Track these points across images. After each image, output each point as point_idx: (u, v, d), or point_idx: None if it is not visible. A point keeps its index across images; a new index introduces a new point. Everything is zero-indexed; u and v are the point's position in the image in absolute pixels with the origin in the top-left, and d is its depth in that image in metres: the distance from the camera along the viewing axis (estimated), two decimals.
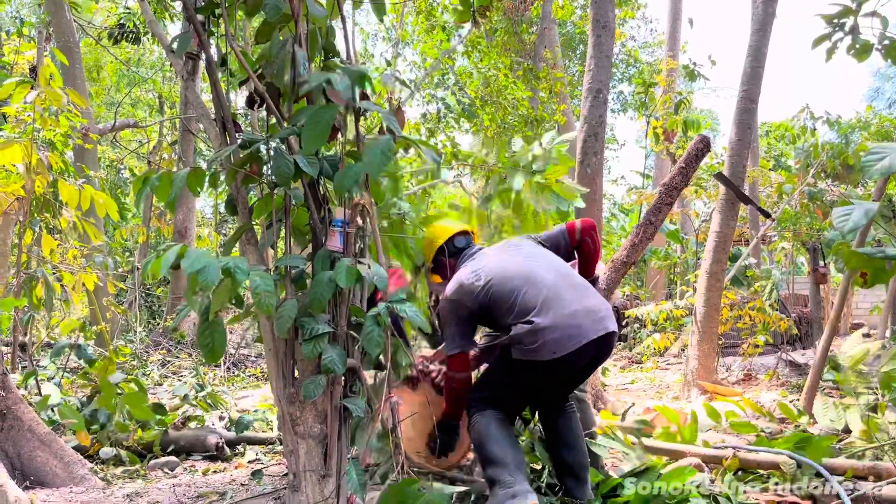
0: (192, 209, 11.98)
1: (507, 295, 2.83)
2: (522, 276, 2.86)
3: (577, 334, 2.70)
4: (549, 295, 2.78)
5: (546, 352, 2.70)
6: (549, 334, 2.69)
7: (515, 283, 2.84)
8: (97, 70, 16.12)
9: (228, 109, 2.78)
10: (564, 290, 2.83)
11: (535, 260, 2.99)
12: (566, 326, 2.71)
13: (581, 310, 2.76)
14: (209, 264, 2.21)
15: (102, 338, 6.42)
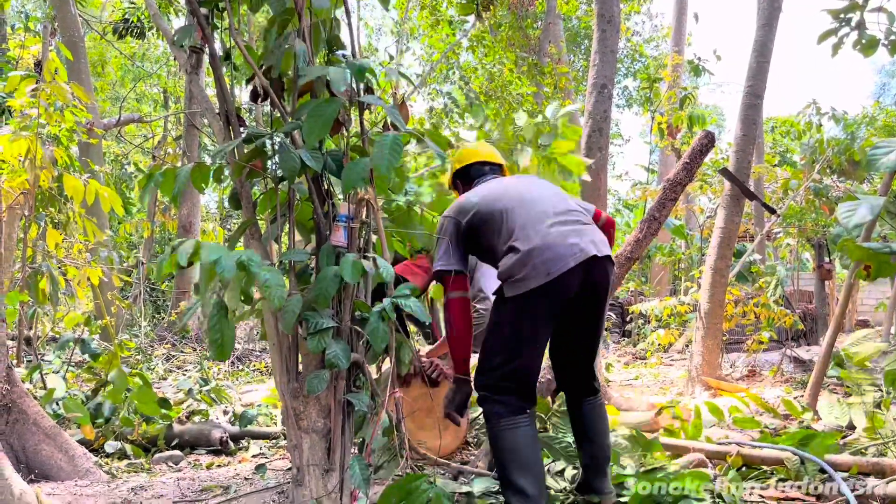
0: (197, 204, 11.99)
1: (496, 214, 2.73)
2: (515, 198, 2.76)
3: (569, 254, 2.54)
4: (538, 217, 2.66)
5: (538, 275, 2.53)
6: (538, 255, 2.55)
7: (505, 204, 2.74)
8: (102, 65, 16.17)
9: (232, 103, 2.78)
10: (556, 216, 2.69)
11: (538, 189, 2.87)
12: (555, 245, 2.56)
13: (571, 232, 2.63)
14: (224, 256, 2.22)
15: (107, 332, 6.44)
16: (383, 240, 2.75)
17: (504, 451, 2.59)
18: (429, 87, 9.98)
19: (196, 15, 2.69)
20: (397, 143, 2.39)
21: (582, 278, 2.59)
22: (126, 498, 2.98)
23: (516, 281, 2.57)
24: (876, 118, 14.55)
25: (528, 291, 2.54)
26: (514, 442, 2.58)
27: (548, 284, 2.53)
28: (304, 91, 2.69)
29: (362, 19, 17.22)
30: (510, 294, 2.60)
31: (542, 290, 2.54)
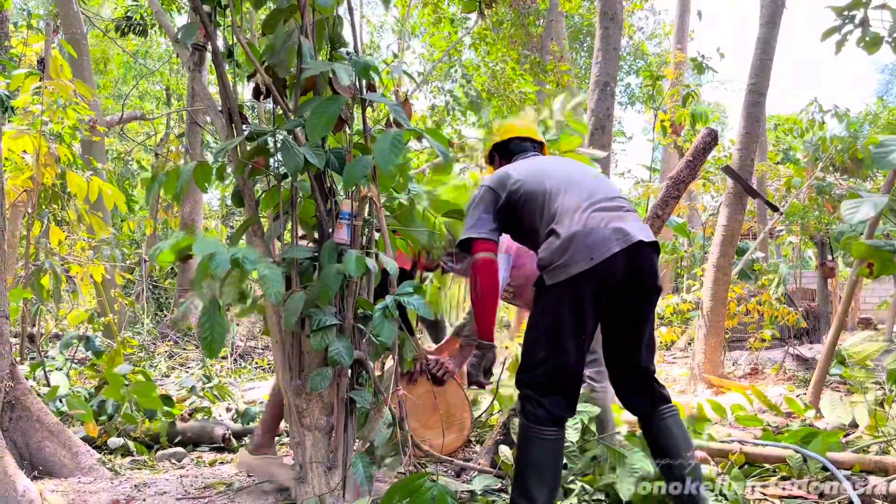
0: (199, 201, 12.01)
1: (539, 195, 2.61)
2: (560, 180, 2.63)
3: (612, 238, 2.40)
4: (581, 200, 2.52)
5: (580, 260, 2.38)
6: (580, 240, 2.40)
7: (549, 185, 2.61)
8: (104, 62, 16.18)
9: (235, 101, 2.78)
10: (600, 201, 2.54)
11: (581, 172, 2.75)
12: (598, 230, 2.42)
13: (614, 217, 2.48)
14: (219, 252, 2.22)
15: (110, 329, 6.45)
16: (386, 237, 2.75)
17: (529, 458, 2.49)
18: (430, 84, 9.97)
19: (199, 12, 2.69)
20: (399, 141, 2.39)
21: (627, 264, 2.43)
22: (129, 495, 2.99)
23: (557, 267, 2.43)
24: (879, 116, 14.52)
25: (569, 278, 2.39)
26: (542, 454, 2.47)
27: (591, 270, 2.38)
28: (307, 89, 2.69)
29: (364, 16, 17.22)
30: (551, 282, 2.44)
31: (585, 275, 2.38)
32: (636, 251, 2.43)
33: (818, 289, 12.76)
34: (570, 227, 2.44)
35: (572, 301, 2.43)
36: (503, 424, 3.48)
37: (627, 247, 2.40)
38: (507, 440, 3.41)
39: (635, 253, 2.43)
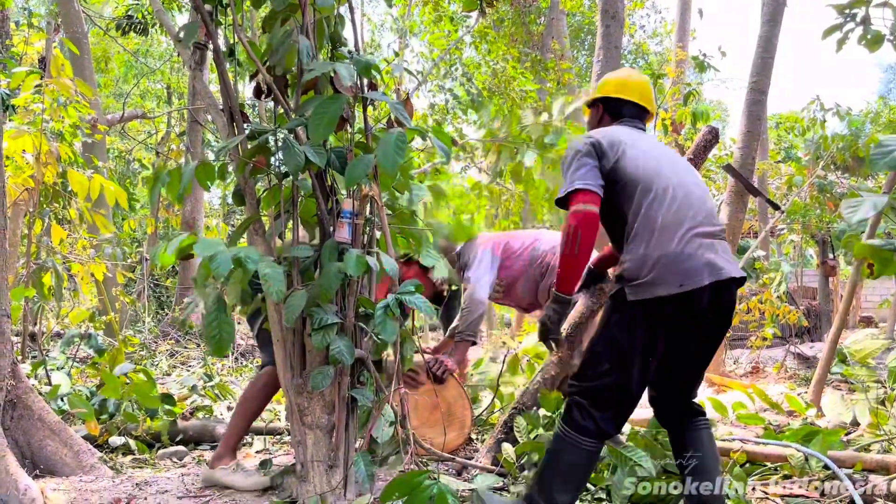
0: (200, 200, 12.00)
1: (644, 188, 2.42)
2: (671, 183, 2.44)
3: (704, 270, 2.30)
4: (683, 217, 2.37)
5: (669, 283, 2.28)
6: (672, 262, 2.30)
7: (659, 186, 2.43)
8: (105, 61, 16.18)
9: (236, 100, 2.78)
10: (700, 222, 2.39)
11: (691, 179, 2.55)
12: (692, 257, 2.31)
13: (709, 246, 2.36)
14: (220, 253, 2.22)
15: (111, 328, 6.45)
16: (388, 236, 2.75)
17: (561, 464, 2.41)
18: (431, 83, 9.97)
19: (200, 11, 2.70)
20: (401, 140, 2.39)
21: (711, 298, 2.34)
22: (131, 493, 2.99)
23: (642, 284, 2.32)
24: (881, 114, 14.51)
25: (654, 298, 2.31)
26: (576, 463, 2.39)
27: (677, 296, 2.29)
28: (308, 87, 2.69)
29: (365, 15, 17.21)
30: (633, 298, 2.34)
31: (669, 300, 2.30)
32: (723, 287, 2.35)
33: (819, 287, 12.76)
34: (667, 247, 2.33)
35: (649, 321, 2.35)
36: (504, 423, 3.48)
37: (716, 282, 2.31)
38: (508, 438, 3.41)
39: (722, 288, 2.35)
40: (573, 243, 2.39)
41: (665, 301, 2.29)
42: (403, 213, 2.96)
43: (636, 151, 2.51)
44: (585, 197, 2.41)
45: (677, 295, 2.28)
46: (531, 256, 4.13)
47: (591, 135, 2.58)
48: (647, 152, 2.54)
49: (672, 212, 2.38)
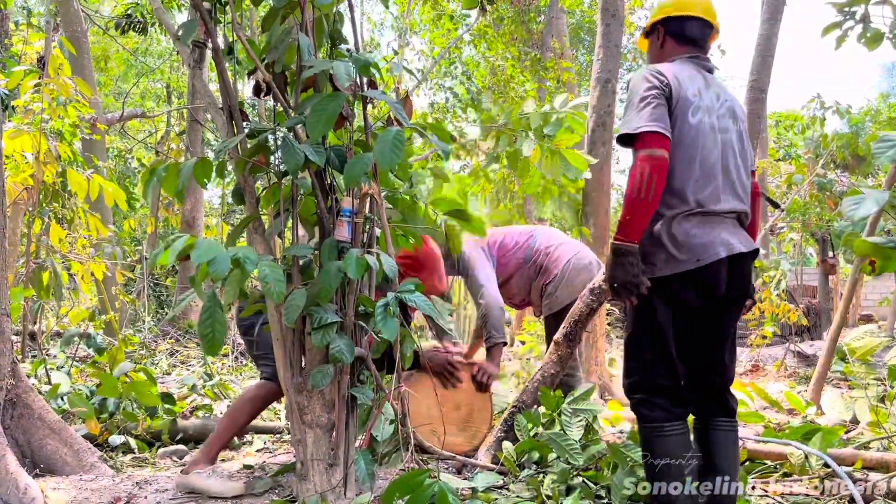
0: (200, 199, 12.00)
1: (696, 148, 2.39)
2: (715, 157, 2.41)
3: (720, 243, 2.32)
4: (722, 186, 2.40)
5: (686, 259, 2.30)
6: (695, 232, 2.33)
7: (710, 147, 2.41)
8: (105, 60, 16.17)
9: (235, 98, 2.78)
10: (735, 194, 2.43)
11: (739, 144, 2.52)
12: (712, 231, 2.34)
13: (731, 223, 2.41)
14: (219, 255, 2.22)
15: (111, 327, 6.45)
16: (387, 235, 2.75)
17: (657, 459, 2.36)
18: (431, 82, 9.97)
19: (199, 9, 2.69)
20: (400, 138, 2.38)
21: (729, 274, 2.38)
22: (131, 492, 2.99)
23: (664, 260, 2.34)
24: (881, 112, 14.50)
25: (676, 274, 2.32)
26: (670, 450, 2.35)
27: (696, 274, 2.31)
28: (308, 86, 2.69)
29: (365, 13, 17.19)
30: (650, 275, 2.34)
31: (691, 275, 2.32)
32: (739, 261, 2.39)
33: (819, 285, 12.77)
34: (692, 222, 2.35)
35: (675, 305, 2.38)
36: (504, 421, 3.48)
37: (731, 255, 2.34)
38: (508, 436, 3.41)
39: (737, 263, 2.38)
40: (647, 189, 2.29)
41: (687, 277, 2.33)
42: (404, 201, 2.94)
43: (700, 106, 2.43)
44: (659, 141, 2.32)
45: (696, 271, 2.31)
46: (526, 255, 4.13)
47: (663, 72, 2.43)
48: (710, 107, 2.46)
49: (716, 178, 2.41)
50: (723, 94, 2.54)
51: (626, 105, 2.44)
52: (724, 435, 2.48)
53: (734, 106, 2.56)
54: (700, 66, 2.56)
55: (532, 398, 3.48)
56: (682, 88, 2.42)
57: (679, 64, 2.53)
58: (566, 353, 3.49)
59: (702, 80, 2.51)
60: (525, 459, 3.24)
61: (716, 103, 2.49)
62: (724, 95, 2.55)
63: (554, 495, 2.82)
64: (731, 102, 2.55)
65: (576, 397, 3.37)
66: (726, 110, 2.51)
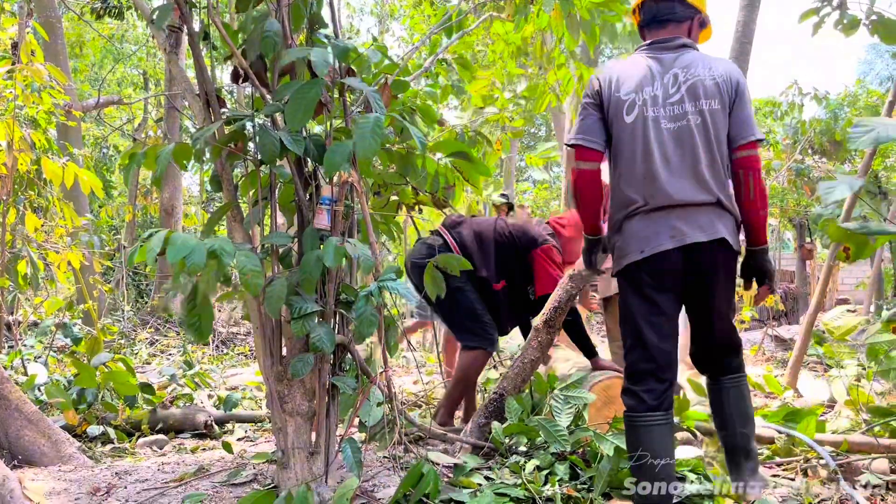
0: (179, 187, 11.89)
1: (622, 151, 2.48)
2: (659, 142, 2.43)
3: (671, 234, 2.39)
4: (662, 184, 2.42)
5: (632, 251, 2.44)
6: (640, 228, 2.43)
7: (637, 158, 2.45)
8: (80, 46, 15.90)
9: (212, 84, 2.73)
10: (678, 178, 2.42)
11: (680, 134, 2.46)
12: (662, 221, 2.41)
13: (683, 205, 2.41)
14: (195, 248, 2.18)
15: (90, 317, 6.39)
16: (368, 223, 2.74)
17: (631, 448, 2.48)
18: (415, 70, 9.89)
19: None
20: (379, 127, 2.36)
21: (689, 261, 2.44)
22: (110, 482, 2.97)
23: (615, 256, 2.55)
24: (858, 97, 14.63)
25: (629, 264, 2.47)
26: (641, 441, 2.44)
27: (643, 263, 2.44)
28: (286, 71, 2.66)
29: None
30: (613, 272, 2.58)
31: (639, 269, 2.46)
32: (692, 249, 2.42)
33: (797, 270, 12.91)
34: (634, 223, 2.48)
35: (636, 293, 2.50)
36: (485, 406, 3.48)
37: (683, 245, 2.41)
38: (489, 422, 3.41)
39: (691, 251, 2.43)
40: (576, 197, 2.60)
41: (634, 271, 2.48)
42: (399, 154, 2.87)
43: (630, 123, 2.47)
44: (584, 154, 2.50)
45: (642, 261, 2.44)
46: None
47: (598, 78, 2.55)
48: (636, 125, 2.47)
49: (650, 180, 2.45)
50: (685, 74, 2.48)
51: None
52: (727, 390, 2.63)
53: (699, 84, 2.46)
54: (657, 52, 2.55)
55: (513, 385, 3.49)
56: (615, 90, 2.48)
57: (630, 58, 2.60)
58: (546, 340, 3.50)
59: (651, 69, 2.49)
60: (513, 443, 3.25)
61: (670, 90, 2.46)
62: (687, 74, 2.47)
63: (535, 481, 2.84)
64: (696, 80, 2.46)
65: (567, 384, 3.38)
66: (685, 93, 2.46)
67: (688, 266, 2.44)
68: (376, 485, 2.91)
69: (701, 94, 2.45)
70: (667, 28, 2.58)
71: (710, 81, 2.47)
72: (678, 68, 2.48)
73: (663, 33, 2.58)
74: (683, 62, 2.50)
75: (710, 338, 2.67)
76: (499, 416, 3.41)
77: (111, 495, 2.82)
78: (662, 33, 2.58)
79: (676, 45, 2.54)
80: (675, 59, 2.51)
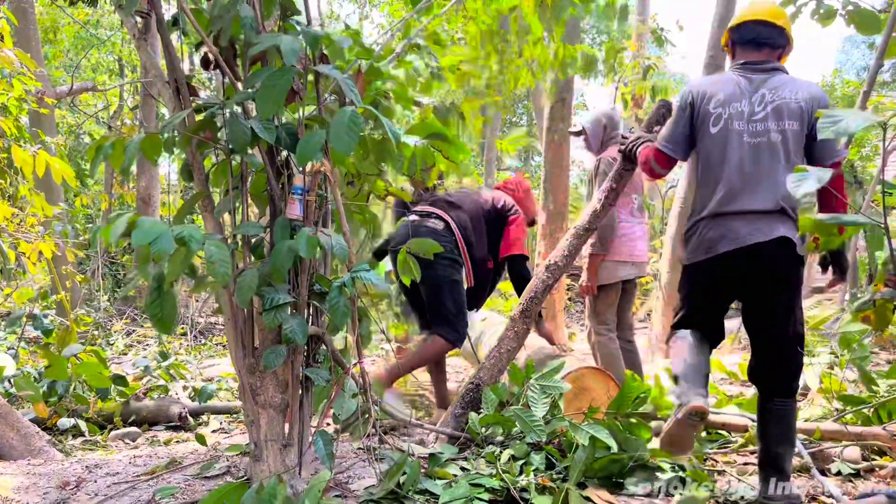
0: (156, 176, 11.72)
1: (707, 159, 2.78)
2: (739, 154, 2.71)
3: (732, 237, 2.66)
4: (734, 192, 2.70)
5: (700, 251, 2.76)
6: (707, 231, 2.74)
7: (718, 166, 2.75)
8: (54, 31, 15.62)
9: (182, 72, 2.68)
10: (751, 187, 2.69)
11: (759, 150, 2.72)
12: (726, 226, 2.69)
13: (754, 211, 2.67)
14: (162, 234, 2.14)
15: (63, 307, 6.30)
16: (342, 212, 2.70)
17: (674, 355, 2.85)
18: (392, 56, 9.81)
19: None
20: (354, 122, 2.32)
21: (753, 261, 2.69)
22: (80, 476, 2.92)
23: (687, 252, 2.89)
24: (835, 87, 14.76)
25: (694, 266, 2.85)
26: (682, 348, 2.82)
27: (708, 263, 2.77)
28: (257, 59, 2.61)
29: None
30: (682, 262, 2.96)
31: (705, 268, 2.79)
32: (762, 250, 2.66)
33: None
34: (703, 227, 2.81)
35: (701, 283, 2.90)
36: (462, 397, 3.47)
37: (753, 245, 2.66)
38: (466, 412, 3.40)
39: (760, 250, 2.66)
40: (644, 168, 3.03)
41: (700, 268, 2.82)
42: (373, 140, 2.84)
43: (714, 134, 2.76)
44: (661, 159, 2.87)
45: (707, 261, 2.76)
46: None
47: (690, 90, 2.84)
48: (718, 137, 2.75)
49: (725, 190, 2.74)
50: (774, 94, 2.73)
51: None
52: (770, 412, 2.73)
53: (784, 106, 2.71)
54: (748, 72, 2.80)
55: (489, 375, 3.48)
56: (706, 102, 2.77)
57: (722, 75, 2.86)
58: (523, 329, 3.50)
59: (741, 86, 2.76)
60: (489, 433, 3.25)
61: (756, 108, 2.72)
62: (775, 96, 2.73)
63: (511, 471, 2.83)
64: (785, 101, 2.71)
65: (543, 374, 3.37)
66: (770, 112, 2.71)
67: (750, 267, 2.68)
68: (351, 476, 2.89)
69: (785, 115, 2.71)
70: (762, 51, 2.83)
71: (794, 104, 2.71)
72: (767, 89, 2.75)
73: (758, 56, 2.83)
74: (773, 84, 2.76)
75: (766, 349, 2.77)
76: (475, 407, 3.40)
77: (81, 489, 2.78)
78: (757, 56, 2.83)
79: (768, 67, 2.80)
80: (766, 81, 2.77)
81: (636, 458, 2.91)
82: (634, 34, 12.81)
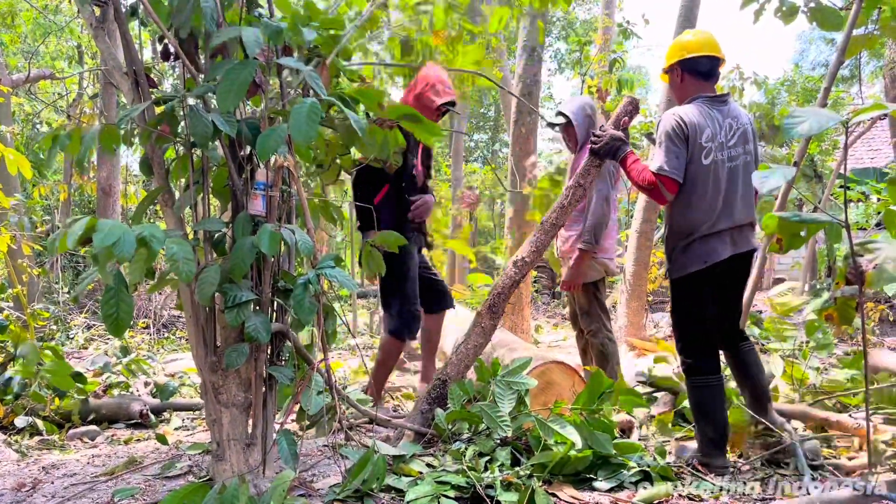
0: (117, 166, 11.47)
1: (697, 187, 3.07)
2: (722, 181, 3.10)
3: (730, 245, 3.09)
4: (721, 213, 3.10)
5: (698, 262, 3.10)
6: (703, 245, 3.09)
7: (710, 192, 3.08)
8: (12, 17, 15.19)
9: (140, 62, 2.61)
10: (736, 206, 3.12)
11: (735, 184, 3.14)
12: (721, 238, 3.09)
13: (735, 226, 3.12)
14: (124, 235, 2.07)
15: (19, 301, 6.14)
16: (305, 208, 2.67)
17: (700, 404, 3.17)
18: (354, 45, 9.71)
19: None
20: (315, 112, 2.27)
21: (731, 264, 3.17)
22: (36, 477, 2.85)
23: (683, 263, 3.19)
24: (796, 82, 14.99)
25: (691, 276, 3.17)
26: (707, 398, 3.14)
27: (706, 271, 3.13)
28: (218, 51, 2.55)
29: None
30: (675, 276, 3.26)
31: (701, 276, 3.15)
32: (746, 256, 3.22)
33: None
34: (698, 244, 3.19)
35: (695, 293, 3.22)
36: (428, 393, 3.45)
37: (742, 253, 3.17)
38: (432, 409, 3.38)
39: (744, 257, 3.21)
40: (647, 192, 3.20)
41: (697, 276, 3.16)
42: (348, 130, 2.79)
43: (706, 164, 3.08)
44: (669, 184, 3.07)
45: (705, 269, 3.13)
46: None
47: (685, 121, 3.06)
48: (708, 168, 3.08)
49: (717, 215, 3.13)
50: (736, 122, 3.16)
51: (658, 142, 3.12)
52: (746, 351, 3.32)
53: (748, 129, 3.20)
54: (716, 104, 3.16)
55: (455, 370, 3.47)
56: (698, 134, 3.05)
57: (697, 107, 3.12)
58: (490, 325, 3.49)
59: (715, 119, 3.11)
60: (456, 429, 3.23)
61: (729, 136, 3.13)
62: (738, 122, 3.17)
63: (476, 467, 2.83)
64: (745, 127, 3.18)
65: (510, 370, 3.37)
66: (738, 137, 3.15)
67: (738, 268, 3.20)
68: (315, 474, 2.86)
69: (749, 139, 3.19)
70: (711, 83, 3.24)
71: (748, 128, 3.21)
72: (730, 118, 3.16)
73: (711, 88, 3.23)
74: (732, 113, 3.19)
75: (734, 320, 3.34)
76: (442, 403, 3.39)
77: (37, 491, 2.71)
78: (710, 88, 3.23)
79: (724, 98, 3.21)
80: (727, 111, 3.17)
81: (601, 454, 2.93)
82: (601, 27, 12.85)
